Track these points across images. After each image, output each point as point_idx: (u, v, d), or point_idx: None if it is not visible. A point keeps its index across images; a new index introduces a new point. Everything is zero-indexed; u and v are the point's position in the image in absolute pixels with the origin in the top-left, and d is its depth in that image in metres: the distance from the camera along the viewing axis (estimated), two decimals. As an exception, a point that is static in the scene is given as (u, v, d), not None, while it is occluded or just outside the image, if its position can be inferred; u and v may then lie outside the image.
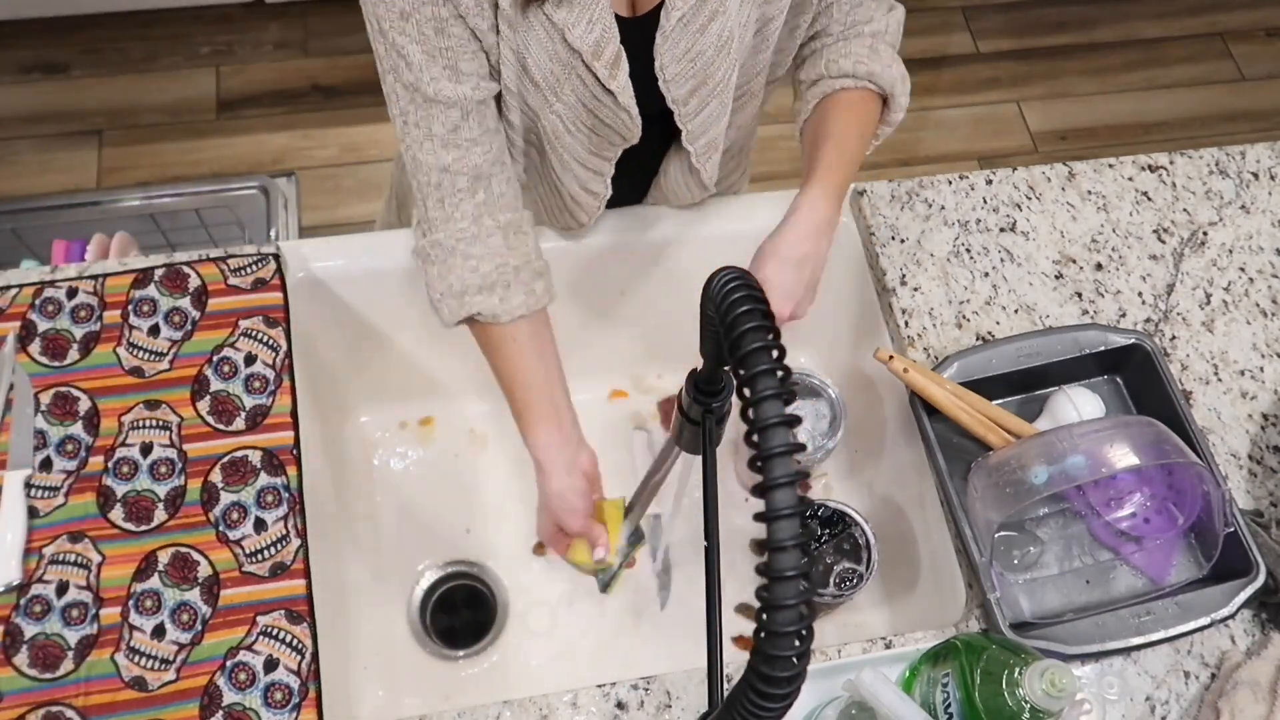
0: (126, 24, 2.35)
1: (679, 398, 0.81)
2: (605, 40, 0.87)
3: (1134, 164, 1.22)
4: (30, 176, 2.16)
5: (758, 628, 0.50)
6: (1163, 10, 2.67)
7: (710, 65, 0.92)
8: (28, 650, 0.89)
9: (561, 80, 0.90)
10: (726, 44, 0.91)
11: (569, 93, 0.91)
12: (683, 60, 0.91)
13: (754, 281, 0.57)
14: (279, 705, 0.89)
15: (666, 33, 0.88)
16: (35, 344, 1.02)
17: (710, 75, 0.93)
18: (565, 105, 0.92)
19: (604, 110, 0.93)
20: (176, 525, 0.95)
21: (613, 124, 0.95)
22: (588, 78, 0.89)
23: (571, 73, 0.89)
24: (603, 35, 0.86)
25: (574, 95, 0.91)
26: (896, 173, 2.31)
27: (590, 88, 0.90)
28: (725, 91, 0.96)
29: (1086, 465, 0.90)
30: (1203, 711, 0.92)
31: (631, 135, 0.97)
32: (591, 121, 0.95)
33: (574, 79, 0.90)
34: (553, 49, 0.87)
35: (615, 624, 1.18)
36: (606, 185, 1.04)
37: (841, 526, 1.08)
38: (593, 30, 0.86)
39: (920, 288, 1.12)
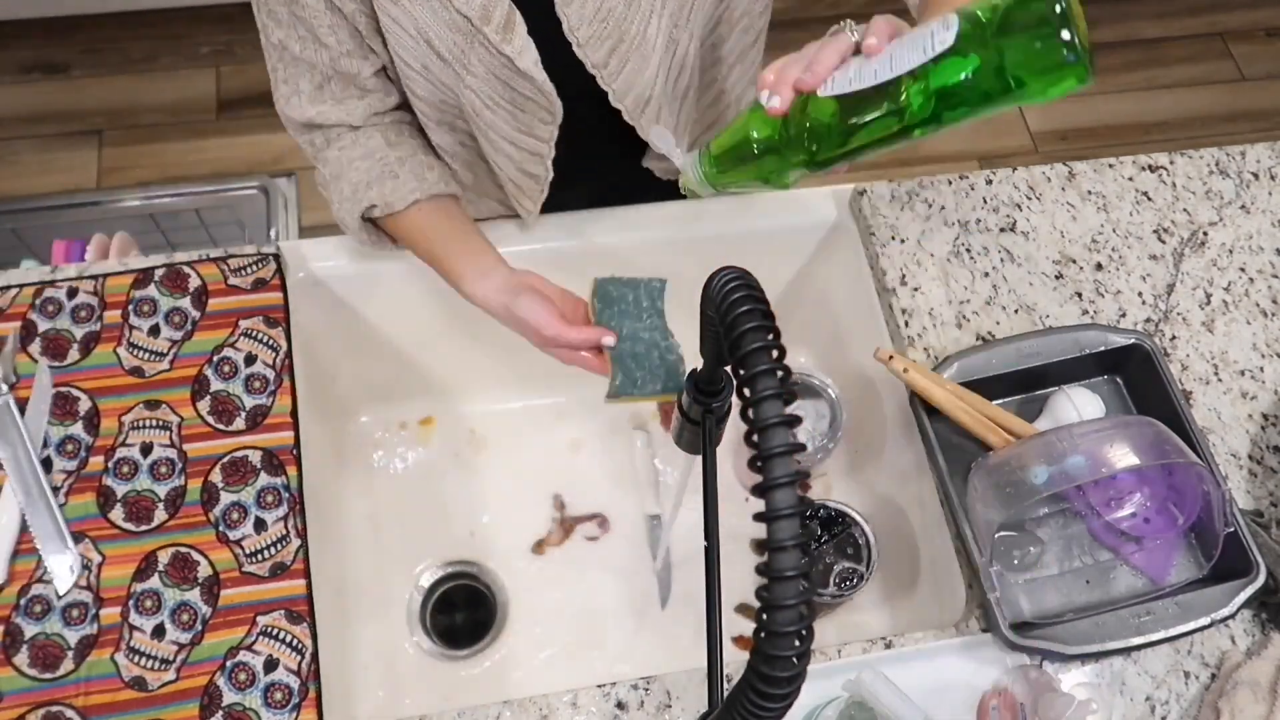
0: (126, 24, 2.35)
1: (679, 398, 0.81)
2: (493, 3, 0.84)
3: (1134, 164, 1.22)
4: (30, 176, 2.16)
5: (758, 628, 0.50)
6: (1163, 10, 2.67)
7: (623, 21, 0.89)
8: (28, 650, 0.89)
9: (466, 51, 0.88)
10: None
11: (477, 63, 0.89)
12: (593, 21, 0.88)
13: (754, 281, 0.57)
14: (279, 705, 0.89)
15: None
16: (35, 344, 1.02)
17: (625, 32, 0.89)
18: (477, 79, 0.90)
19: (514, 80, 0.90)
20: (176, 525, 0.95)
21: (529, 95, 0.92)
22: (489, 45, 0.87)
23: (474, 42, 0.87)
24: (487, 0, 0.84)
25: (483, 66, 0.89)
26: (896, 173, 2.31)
27: (495, 55, 0.88)
28: (643, 45, 0.91)
29: (1086, 465, 0.90)
30: (1203, 711, 0.92)
31: (552, 108, 0.94)
32: (509, 94, 0.92)
33: (478, 48, 0.87)
34: (448, 18, 0.85)
35: (615, 624, 1.18)
36: (547, 168, 1.01)
37: (842, 526, 1.08)
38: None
39: (920, 288, 1.12)
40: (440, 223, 1.00)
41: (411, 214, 0.99)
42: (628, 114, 0.98)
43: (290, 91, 0.95)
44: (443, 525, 1.22)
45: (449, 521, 1.23)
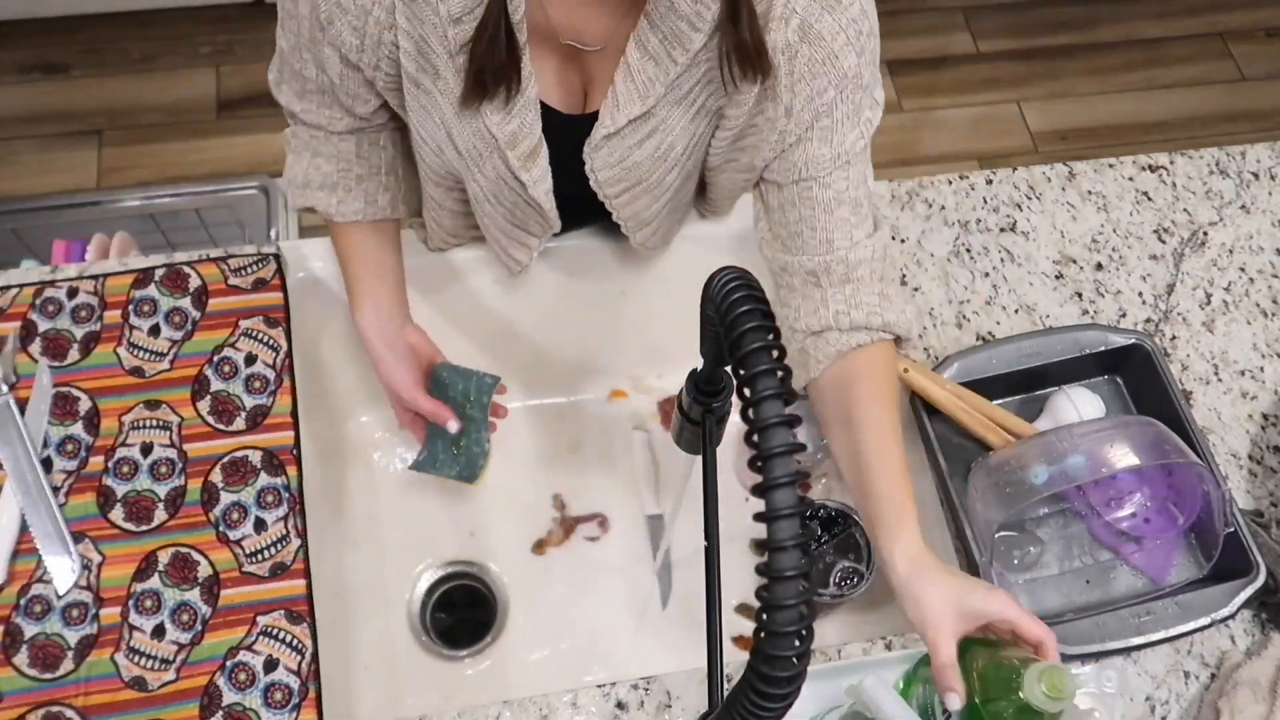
0: (126, 24, 2.35)
1: (679, 398, 0.81)
2: (524, 133, 0.86)
3: (1134, 164, 1.22)
4: (30, 176, 2.16)
5: (758, 628, 0.50)
6: (1163, 10, 2.67)
7: (646, 172, 0.91)
8: (28, 650, 0.89)
9: (483, 155, 0.89)
10: (664, 155, 0.89)
11: (489, 169, 0.90)
12: (615, 168, 0.90)
13: (754, 281, 0.57)
14: (279, 705, 0.89)
15: (594, 144, 0.87)
16: (35, 344, 1.02)
17: (645, 179, 0.92)
18: (486, 180, 0.92)
19: (521, 194, 0.92)
20: (176, 525, 0.95)
21: (533, 208, 0.94)
22: (501, 164, 0.88)
23: (492, 152, 0.88)
24: (520, 128, 0.85)
25: (494, 172, 0.90)
26: (896, 173, 2.31)
27: (501, 172, 0.89)
28: (658, 188, 0.94)
29: (1086, 465, 0.90)
30: (1203, 711, 0.92)
31: (551, 227, 0.97)
32: (513, 199, 0.94)
33: (495, 159, 0.88)
34: (476, 126, 0.86)
35: (615, 624, 1.18)
36: (531, 256, 1.06)
37: (842, 526, 1.08)
38: (510, 121, 0.85)
39: (920, 288, 1.12)
40: (368, 246, 1.02)
41: (347, 228, 1.01)
42: (625, 228, 1.01)
43: (278, 79, 0.97)
44: (443, 525, 1.22)
45: (449, 521, 1.23)
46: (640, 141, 0.87)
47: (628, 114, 0.84)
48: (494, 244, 1.06)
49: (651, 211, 0.99)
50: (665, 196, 0.97)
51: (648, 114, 0.84)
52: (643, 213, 0.99)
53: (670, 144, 0.88)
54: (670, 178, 0.93)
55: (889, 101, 2.39)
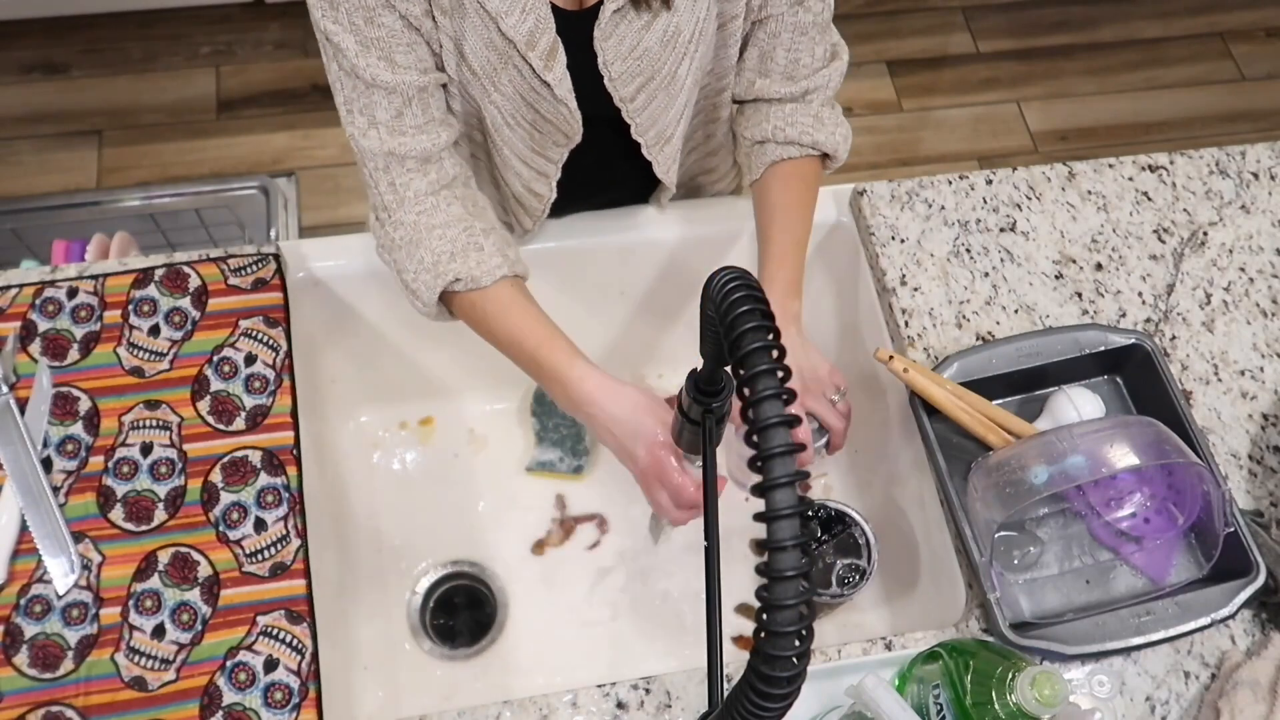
0: (126, 24, 2.35)
1: (679, 398, 0.81)
2: (539, 30, 0.86)
3: (1134, 164, 1.22)
4: (30, 176, 2.16)
5: (758, 628, 0.50)
6: (1163, 10, 2.67)
7: (657, 60, 0.91)
8: (28, 650, 0.89)
9: (498, 69, 0.89)
10: (672, 39, 0.90)
11: (506, 83, 0.90)
12: (628, 58, 0.90)
13: (754, 281, 0.57)
14: (279, 705, 0.89)
15: (603, 25, 0.87)
16: (35, 344, 1.02)
17: (657, 71, 0.92)
18: (503, 96, 0.91)
19: (543, 104, 0.92)
20: (176, 525, 0.95)
21: (553, 119, 0.94)
22: (524, 68, 0.88)
23: (508, 62, 0.88)
24: (536, 25, 0.86)
25: (511, 86, 0.90)
26: (896, 173, 2.31)
27: (528, 79, 0.89)
28: (673, 84, 0.95)
29: (1086, 465, 0.90)
30: (1203, 711, 0.92)
31: (573, 132, 0.95)
32: (531, 116, 0.94)
33: (511, 69, 0.88)
34: (488, 37, 0.86)
35: (615, 624, 1.18)
36: (551, 188, 1.03)
37: (842, 526, 1.08)
38: (526, 20, 0.85)
39: (920, 288, 1.12)
40: (529, 303, 0.92)
41: (493, 291, 0.91)
42: (647, 149, 1.01)
43: (367, 123, 0.89)
44: (443, 525, 1.22)
45: (449, 521, 1.23)
46: (648, 24, 0.88)
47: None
48: (513, 187, 1.04)
49: (669, 119, 0.99)
50: (680, 98, 0.98)
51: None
52: (660, 119, 0.98)
53: (677, 26, 0.90)
54: (682, 70, 0.94)
55: (889, 101, 2.39)
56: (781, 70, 1.01)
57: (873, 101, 2.39)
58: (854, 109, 2.35)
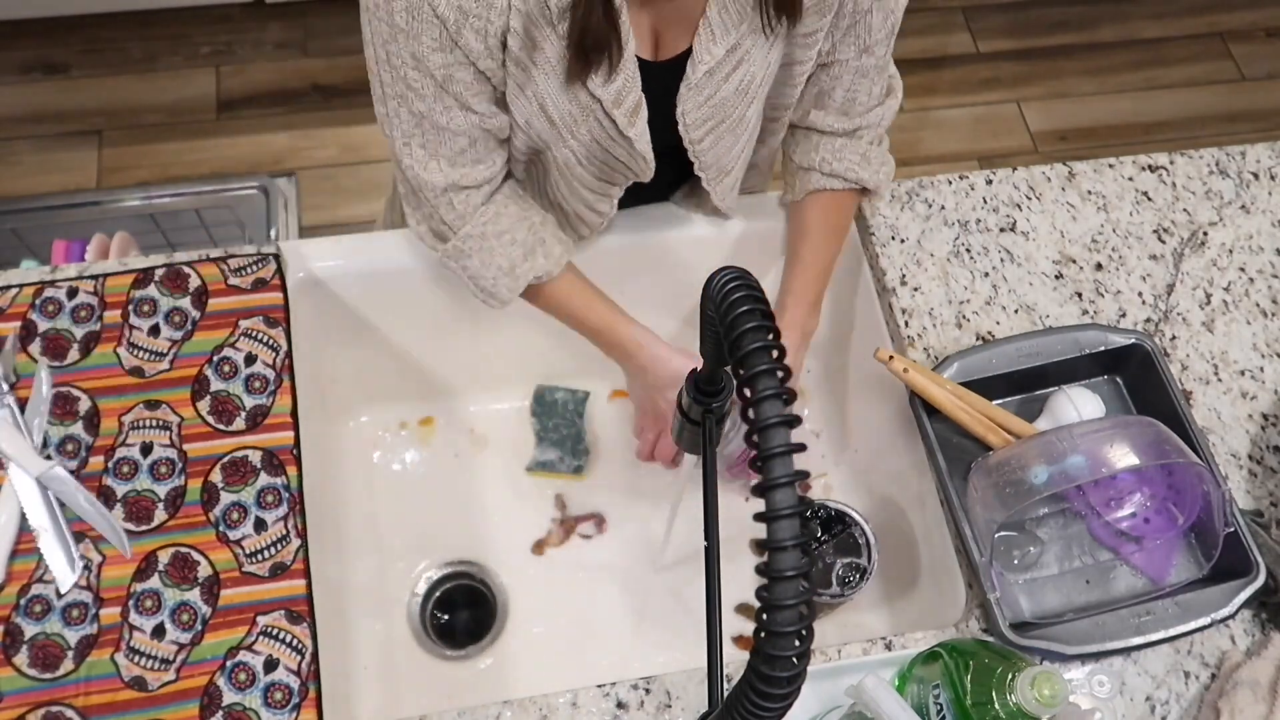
0: (126, 24, 2.35)
1: (679, 398, 0.81)
2: (627, 90, 0.87)
3: (1134, 164, 1.22)
4: (30, 176, 2.16)
5: (758, 628, 0.50)
6: (1163, 10, 2.67)
7: (730, 108, 0.93)
8: (28, 650, 0.89)
9: (579, 121, 0.90)
10: (747, 87, 0.92)
11: (585, 132, 0.91)
12: (704, 106, 0.92)
13: (754, 281, 0.57)
14: (279, 705, 0.89)
15: (692, 84, 0.89)
16: (35, 344, 1.02)
17: (729, 114, 0.94)
18: (580, 143, 0.93)
19: (618, 150, 0.93)
20: (176, 525, 0.95)
21: (626, 162, 0.96)
22: (606, 122, 0.89)
23: (590, 115, 0.89)
24: (625, 84, 0.87)
25: (589, 135, 0.91)
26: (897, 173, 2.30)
27: (607, 130, 0.90)
28: (739, 126, 0.97)
29: (1086, 465, 0.90)
30: (1203, 711, 0.92)
31: (644, 174, 0.98)
32: (604, 157, 0.95)
33: (592, 121, 0.90)
34: (572, 93, 0.87)
35: (615, 624, 1.18)
36: (613, 205, 1.05)
37: (842, 526, 1.08)
38: (615, 79, 0.86)
39: (920, 288, 1.12)
40: (589, 288, 1.05)
41: (561, 279, 1.02)
42: (708, 182, 1.03)
43: (428, 156, 0.91)
44: (443, 525, 1.22)
45: (449, 521, 1.23)
46: (728, 75, 0.90)
47: (724, 45, 0.87)
48: (573, 206, 1.05)
49: (733, 155, 1.01)
50: (744, 136, 1.00)
51: (735, 45, 0.87)
52: (724, 157, 1.00)
53: (752, 75, 0.91)
54: (750, 112, 0.96)
55: (889, 101, 2.39)
56: (838, 106, 1.01)
57: (873, 101, 2.39)
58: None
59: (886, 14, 0.94)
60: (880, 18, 0.94)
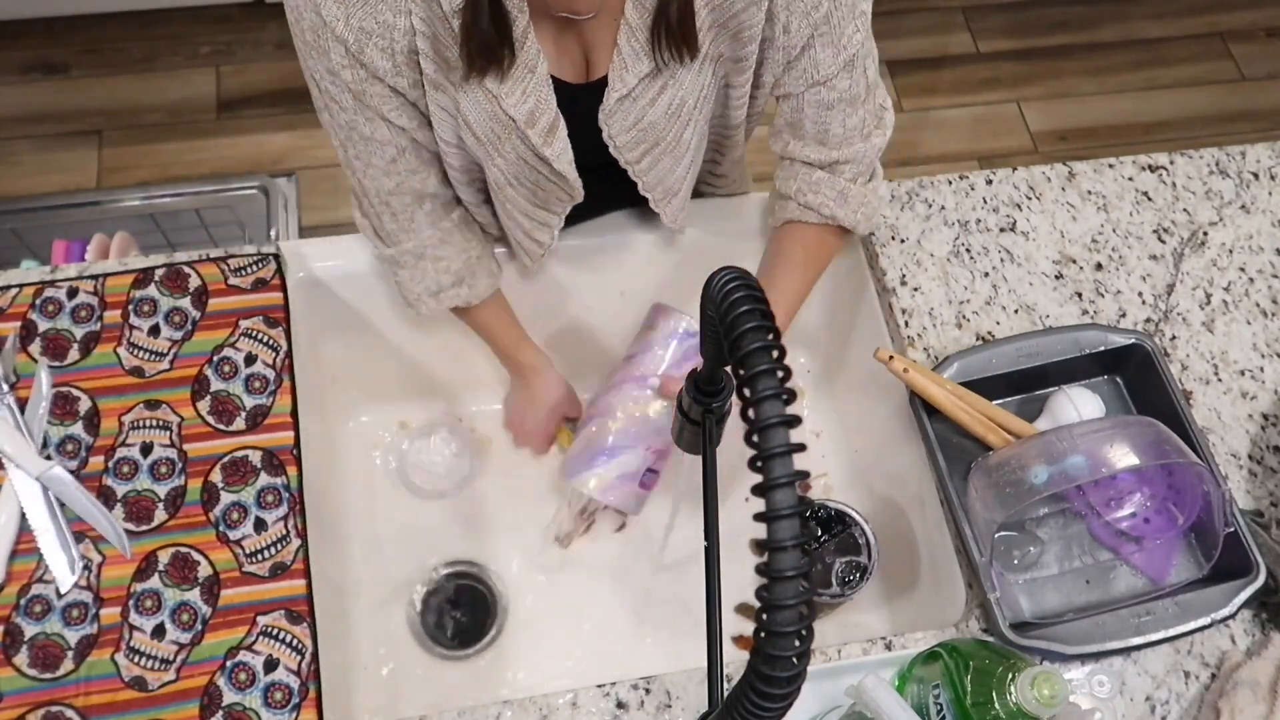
0: (126, 24, 2.35)
1: (679, 398, 0.81)
2: (540, 110, 0.87)
3: (1134, 164, 1.22)
4: (30, 176, 2.16)
5: (758, 628, 0.50)
6: (1163, 10, 2.67)
7: (662, 131, 0.93)
8: (28, 650, 0.89)
9: (502, 139, 0.90)
10: (677, 110, 0.92)
11: (509, 150, 0.91)
12: (632, 130, 0.92)
13: (754, 281, 0.57)
14: (279, 705, 0.89)
15: (608, 110, 0.89)
16: (35, 344, 1.02)
17: (662, 138, 0.94)
18: (506, 161, 0.93)
19: (544, 169, 0.93)
20: (176, 525, 0.95)
21: (555, 182, 0.96)
22: (527, 142, 0.90)
23: (511, 133, 0.89)
24: (537, 106, 0.87)
25: (514, 153, 0.92)
26: (896, 173, 2.30)
27: (530, 148, 0.91)
28: (678, 148, 0.97)
29: (1086, 465, 0.90)
30: (1203, 711, 0.92)
31: (575, 195, 0.98)
32: (533, 177, 0.95)
33: (513, 138, 0.90)
34: (491, 110, 0.87)
35: (615, 624, 1.18)
36: (553, 236, 1.06)
37: (841, 526, 1.08)
38: (526, 100, 0.86)
39: (920, 288, 1.12)
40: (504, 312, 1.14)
41: (479, 307, 1.09)
42: (655, 203, 1.03)
43: (363, 166, 0.95)
44: (443, 525, 1.22)
45: (449, 521, 1.23)
46: (653, 100, 0.90)
47: (637, 73, 0.86)
48: (513, 233, 1.07)
49: (675, 177, 1.01)
50: (686, 159, 0.99)
51: (655, 70, 0.87)
52: (667, 179, 1.00)
53: (681, 98, 0.91)
54: (687, 134, 0.96)
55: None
56: (812, 136, 0.99)
57: (873, 101, 2.39)
58: (854, 109, 2.34)
59: (838, 50, 0.91)
60: (830, 53, 0.91)
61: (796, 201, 1.03)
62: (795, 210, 1.03)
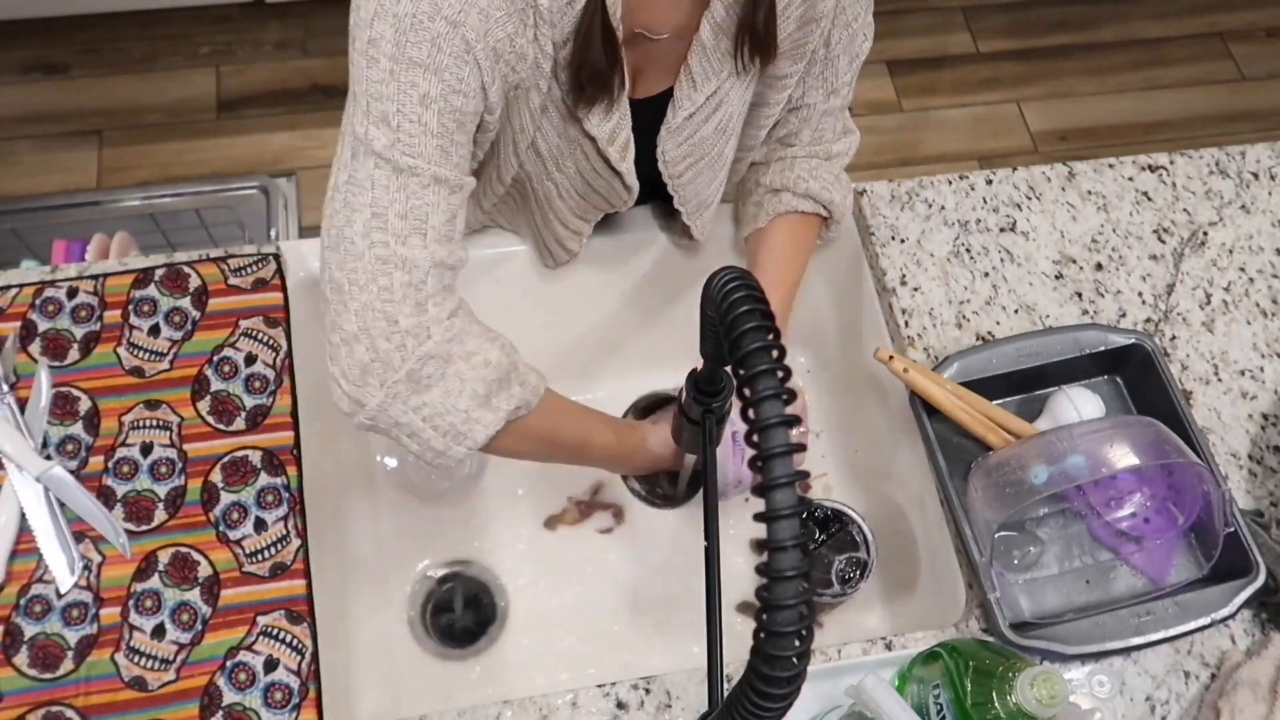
0: (126, 24, 2.35)
1: (679, 398, 0.81)
2: (619, 128, 0.88)
3: (1134, 164, 1.22)
4: (30, 176, 2.16)
5: (758, 628, 0.50)
6: (1163, 10, 2.67)
7: (709, 147, 0.95)
8: (28, 650, 0.89)
9: (565, 155, 0.91)
10: (725, 126, 0.93)
11: (570, 165, 0.92)
12: (684, 145, 0.93)
13: (754, 281, 0.57)
14: (279, 705, 0.89)
15: (672, 128, 0.91)
16: (35, 344, 1.02)
17: (708, 153, 0.96)
18: (565, 176, 0.94)
19: (601, 184, 0.95)
20: (176, 525, 0.95)
21: (607, 195, 0.97)
22: (595, 159, 0.91)
23: (577, 149, 0.90)
24: (618, 125, 0.88)
25: (575, 168, 0.93)
26: (896, 173, 2.31)
27: (594, 165, 0.92)
28: (718, 162, 0.98)
29: (1086, 465, 0.90)
30: (1203, 711, 0.92)
31: (624, 206, 0.99)
32: (585, 189, 0.96)
33: (579, 155, 0.91)
34: (564, 129, 0.88)
35: (615, 624, 1.18)
36: (582, 244, 1.07)
37: (839, 525, 1.08)
38: (610, 118, 0.87)
39: (920, 288, 1.12)
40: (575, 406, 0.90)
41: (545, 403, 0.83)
42: (687, 215, 1.04)
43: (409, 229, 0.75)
44: (443, 525, 1.22)
45: (449, 521, 1.23)
46: (707, 117, 0.91)
47: (705, 92, 0.88)
48: (544, 238, 1.07)
49: (710, 190, 1.02)
50: (723, 173, 1.01)
51: (715, 90, 0.88)
52: (703, 192, 1.01)
53: (730, 114, 0.93)
54: (728, 150, 0.98)
55: (889, 101, 2.39)
56: (805, 144, 1.03)
57: (873, 101, 2.39)
58: (854, 109, 2.34)
59: (852, 57, 0.97)
60: (846, 61, 0.96)
61: (793, 191, 1.02)
62: (790, 200, 1.03)
